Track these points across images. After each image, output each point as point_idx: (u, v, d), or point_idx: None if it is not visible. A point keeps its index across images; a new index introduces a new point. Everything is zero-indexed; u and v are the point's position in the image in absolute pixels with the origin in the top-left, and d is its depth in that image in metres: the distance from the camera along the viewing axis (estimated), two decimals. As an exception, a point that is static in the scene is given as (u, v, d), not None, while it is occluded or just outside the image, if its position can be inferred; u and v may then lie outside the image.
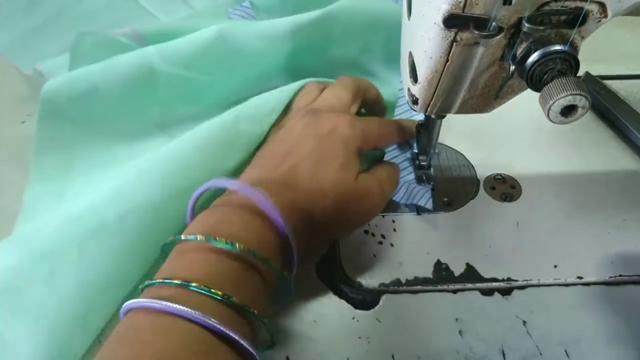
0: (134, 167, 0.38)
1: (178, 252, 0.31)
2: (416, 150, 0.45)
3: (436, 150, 0.47)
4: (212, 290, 0.27)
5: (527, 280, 0.39)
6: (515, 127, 0.51)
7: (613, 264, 0.40)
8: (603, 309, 0.37)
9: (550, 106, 0.26)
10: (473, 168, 0.47)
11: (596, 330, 0.36)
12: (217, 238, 0.29)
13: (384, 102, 0.48)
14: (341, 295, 0.38)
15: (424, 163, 0.45)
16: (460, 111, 0.37)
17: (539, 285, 0.39)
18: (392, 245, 0.41)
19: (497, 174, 0.47)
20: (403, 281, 0.39)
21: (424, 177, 0.45)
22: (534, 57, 0.28)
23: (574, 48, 0.28)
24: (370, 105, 0.47)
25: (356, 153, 0.39)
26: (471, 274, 0.39)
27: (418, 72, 0.33)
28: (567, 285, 0.39)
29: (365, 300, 0.38)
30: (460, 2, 0.26)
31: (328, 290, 0.38)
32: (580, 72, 0.52)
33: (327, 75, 0.49)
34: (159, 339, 0.25)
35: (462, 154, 0.48)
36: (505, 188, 0.46)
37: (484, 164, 0.47)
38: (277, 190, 0.33)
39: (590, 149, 0.50)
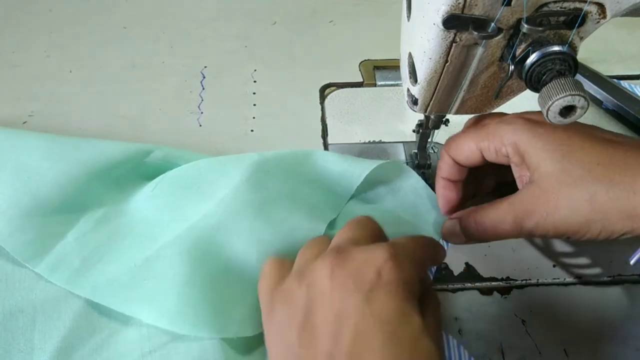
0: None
1: None
2: (416, 150, 0.45)
3: (435, 151, 0.47)
4: None
5: (526, 280, 0.39)
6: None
7: (612, 264, 0.40)
8: (602, 309, 0.37)
9: (549, 106, 0.27)
10: (472, 168, 0.47)
11: (595, 330, 0.36)
12: None
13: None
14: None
15: (424, 163, 0.45)
16: (460, 112, 0.37)
17: (538, 285, 0.39)
18: (391, 245, 0.41)
19: (497, 174, 0.47)
20: (403, 281, 0.39)
21: (424, 177, 0.45)
22: (533, 57, 0.28)
23: (573, 49, 0.28)
24: None
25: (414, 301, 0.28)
26: (470, 274, 0.39)
27: (417, 73, 0.33)
28: (566, 284, 0.39)
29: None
30: (459, 3, 0.26)
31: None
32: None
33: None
34: None
35: (461, 154, 0.48)
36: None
37: (484, 164, 0.47)
38: None
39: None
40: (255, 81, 0.55)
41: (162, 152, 0.43)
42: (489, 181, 0.42)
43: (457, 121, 0.42)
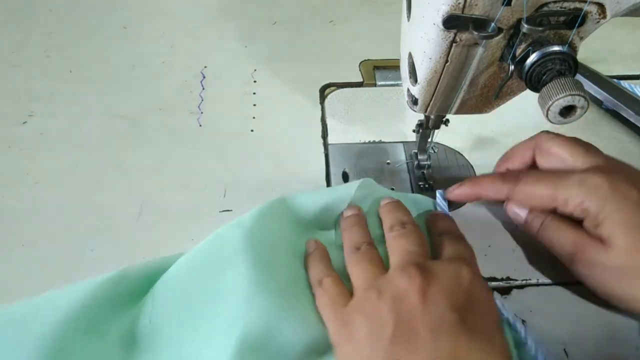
0: None
1: None
2: (416, 150, 0.46)
3: (436, 150, 0.47)
4: None
5: (526, 280, 0.39)
6: (515, 127, 0.51)
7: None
8: (602, 309, 0.37)
9: (549, 106, 0.27)
10: (473, 168, 0.47)
11: (595, 330, 0.36)
12: None
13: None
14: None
15: (424, 163, 0.45)
16: (460, 111, 0.37)
17: (538, 285, 0.39)
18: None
19: (497, 174, 0.47)
20: (403, 281, 0.39)
21: (424, 177, 0.45)
22: (533, 57, 0.28)
23: (573, 49, 0.28)
24: None
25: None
26: (470, 274, 0.39)
27: (418, 73, 0.33)
28: (566, 284, 0.39)
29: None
30: (459, 3, 0.26)
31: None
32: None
33: None
34: None
35: (461, 154, 0.48)
36: (505, 188, 0.46)
37: (484, 164, 0.47)
38: None
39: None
40: (255, 81, 0.55)
41: (131, 272, 0.36)
42: None
43: (457, 121, 0.42)
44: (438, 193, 0.42)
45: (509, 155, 0.40)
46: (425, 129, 0.42)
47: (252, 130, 0.51)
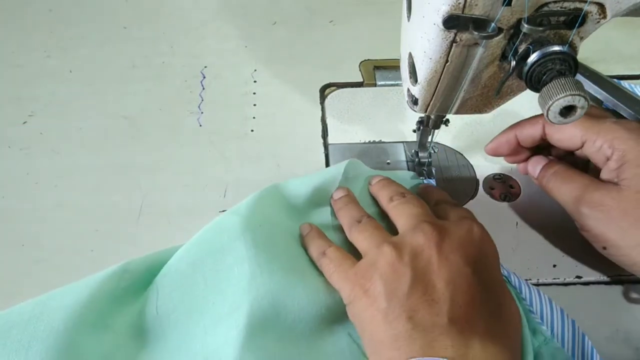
0: None
1: None
2: (416, 150, 0.46)
3: (436, 150, 0.47)
4: None
5: (526, 280, 0.39)
6: (515, 127, 0.51)
7: (612, 264, 0.40)
8: (602, 309, 0.37)
9: (550, 106, 0.27)
10: (472, 168, 0.47)
11: (595, 330, 0.36)
12: None
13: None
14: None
15: (425, 160, 0.45)
16: (460, 111, 0.37)
17: (538, 285, 0.39)
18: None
19: (497, 174, 0.47)
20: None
21: (425, 174, 0.45)
22: (533, 57, 0.28)
23: (573, 49, 0.28)
24: None
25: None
26: (471, 274, 0.39)
27: (418, 73, 0.33)
28: (566, 284, 0.39)
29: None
30: (459, 3, 0.26)
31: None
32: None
33: None
34: None
35: (461, 154, 0.49)
36: (505, 188, 0.46)
37: (483, 164, 0.47)
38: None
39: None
40: (255, 81, 0.55)
41: (133, 266, 0.36)
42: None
43: (457, 121, 0.42)
44: (427, 181, 0.44)
45: (519, 123, 0.41)
46: (425, 126, 0.42)
47: (252, 130, 0.51)
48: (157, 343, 0.34)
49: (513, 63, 0.29)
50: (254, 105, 0.53)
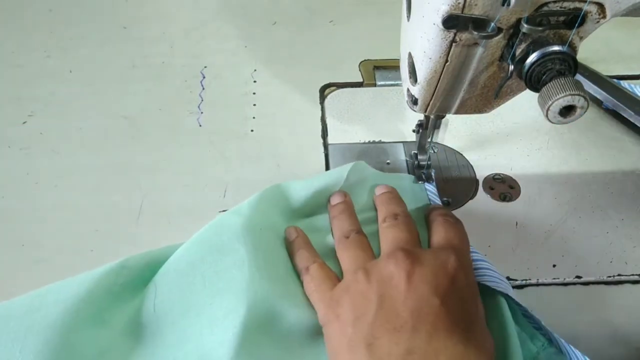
0: None
1: None
2: (416, 150, 0.46)
3: (435, 150, 0.47)
4: None
5: (526, 280, 0.39)
6: (515, 127, 0.51)
7: (612, 264, 0.40)
8: (602, 309, 0.37)
9: (549, 106, 0.27)
10: (472, 168, 0.47)
11: (595, 330, 0.36)
12: None
13: None
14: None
15: (424, 162, 0.45)
16: (460, 111, 0.37)
17: (537, 285, 0.39)
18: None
19: (496, 174, 0.47)
20: (403, 281, 0.39)
21: (424, 177, 0.45)
22: (532, 57, 0.28)
23: (573, 49, 0.28)
24: None
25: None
26: (470, 274, 0.39)
27: (417, 73, 0.33)
28: (565, 284, 0.39)
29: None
30: (459, 3, 0.26)
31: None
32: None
33: None
34: None
35: (461, 154, 0.49)
36: (504, 188, 0.46)
37: (483, 164, 0.47)
38: None
39: (589, 149, 0.50)
40: (255, 81, 0.55)
41: (132, 262, 0.36)
42: None
43: (457, 121, 0.42)
44: (427, 185, 0.44)
45: None
46: (425, 128, 0.42)
47: (252, 130, 0.51)
48: (153, 340, 0.33)
49: (511, 67, 0.29)
50: (254, 105, 0.53)
